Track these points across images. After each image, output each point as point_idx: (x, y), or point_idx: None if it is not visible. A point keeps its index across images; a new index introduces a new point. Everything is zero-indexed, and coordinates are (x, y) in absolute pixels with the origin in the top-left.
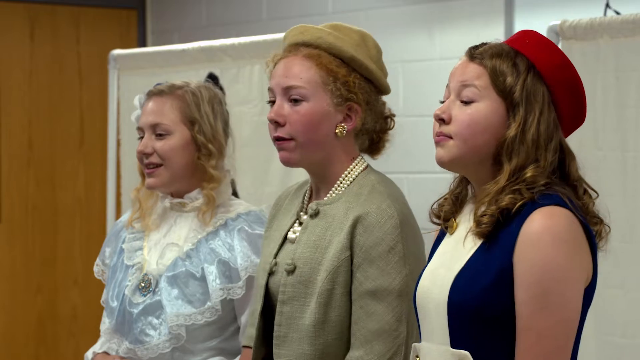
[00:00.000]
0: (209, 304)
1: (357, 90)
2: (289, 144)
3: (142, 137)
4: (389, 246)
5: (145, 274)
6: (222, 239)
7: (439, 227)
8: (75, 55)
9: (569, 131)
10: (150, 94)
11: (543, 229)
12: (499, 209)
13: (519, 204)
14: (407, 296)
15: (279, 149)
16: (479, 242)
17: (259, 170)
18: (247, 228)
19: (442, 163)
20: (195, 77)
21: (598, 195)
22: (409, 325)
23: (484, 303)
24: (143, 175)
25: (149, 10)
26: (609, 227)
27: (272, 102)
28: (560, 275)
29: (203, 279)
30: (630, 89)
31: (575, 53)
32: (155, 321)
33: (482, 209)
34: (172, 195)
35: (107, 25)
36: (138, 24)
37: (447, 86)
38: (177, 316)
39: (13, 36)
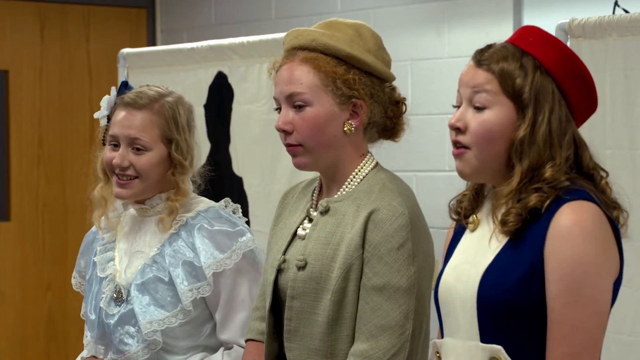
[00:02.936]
0: (180, 305)
1: (358, 86)
2: (299, 150)
3: (114, 144)
4: (398, 243)
5: (117, 285)
6: (184, 239)
7: (454, 224)
8: (85, 53)
9: (582, 120)
10: (127, 105)
11: (573, 223)
12: (527, 208)
13: (547, 202)
14: (414, 294)
15: (292, 156)
16: (504, 240)
17: (267, 168)
18: (206, 225)
19: (464, 175)
20: (204, 75)
21: (608, 174)
22: (416, 323)
23: (514, 297)
24: (105, 174)
25: (159, 9)
26: (627, 212)
27: (279, 110)
28: (591, 269)
29: (171, 282)
30: (639, 87)
31: (584, 51)
32: (132, 329)
33: (502, 209)
34: (137, 202)
35: (116, 24)
36: (147, 23)
37: (458, 91)
38: (150, 323)
39: (23, 35)
